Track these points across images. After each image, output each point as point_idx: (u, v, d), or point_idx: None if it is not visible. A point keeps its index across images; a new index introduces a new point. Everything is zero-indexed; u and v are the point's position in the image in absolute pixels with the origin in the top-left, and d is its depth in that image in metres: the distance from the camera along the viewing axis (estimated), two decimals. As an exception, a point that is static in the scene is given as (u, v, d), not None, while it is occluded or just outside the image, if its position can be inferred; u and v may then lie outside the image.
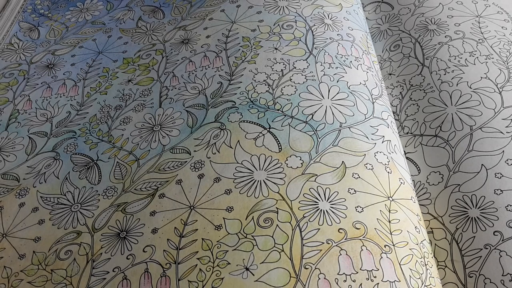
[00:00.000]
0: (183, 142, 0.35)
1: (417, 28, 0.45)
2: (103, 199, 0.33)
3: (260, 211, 0.30)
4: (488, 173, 0.33)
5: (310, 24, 0.42)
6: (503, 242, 0.30)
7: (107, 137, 0.37)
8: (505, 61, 0.40)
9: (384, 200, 0.31)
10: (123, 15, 0.49)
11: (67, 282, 0.30)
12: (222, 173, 0.33)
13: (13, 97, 0.43)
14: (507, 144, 0.34)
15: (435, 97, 0.39)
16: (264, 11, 0.44)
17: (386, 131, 0.36)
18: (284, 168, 0.32)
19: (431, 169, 0.36)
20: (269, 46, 0.41)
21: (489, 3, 0.46)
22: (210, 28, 0.44)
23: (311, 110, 0.36)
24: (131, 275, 0.29)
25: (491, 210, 0.32)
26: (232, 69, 0.40)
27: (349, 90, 0.37)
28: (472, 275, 0.30)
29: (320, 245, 0.29)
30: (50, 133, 0.39)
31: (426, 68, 0.41)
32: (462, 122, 0.37)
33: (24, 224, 0.33)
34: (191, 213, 0.31)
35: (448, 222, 0.33)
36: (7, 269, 0.31)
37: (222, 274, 0.28)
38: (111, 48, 0.45)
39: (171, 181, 0.33)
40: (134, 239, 0.31)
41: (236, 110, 0.36)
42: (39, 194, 0.35)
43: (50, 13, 0.52)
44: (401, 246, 0.29)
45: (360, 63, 0.40)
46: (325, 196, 0.31)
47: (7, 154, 0.38)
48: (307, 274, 0.28)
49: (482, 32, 0.43)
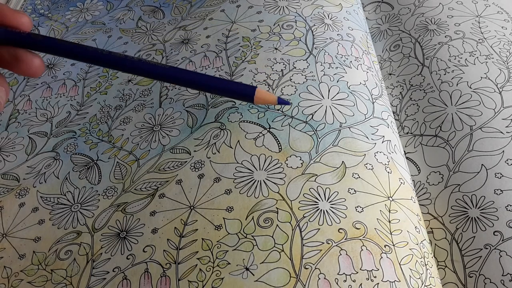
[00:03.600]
0: (183, 142, 0.35)
1: (417, 28, 0.45)
2: (103, 199, 0.33)
3: (260, 211, 0.30)
4: (488, 173, 0.33)
5: (310, 24, 0.42)
6: (503, 242, 0.30)
7: (107, 137, 0.37)
8: (505, 61, 0.40)
9: (384, 200, 0.31)
10: (123, 15, 0.49)
11: (67, 282, 0.30)
12: (222, 173, 0.33)
13: (13, 97, 0.43)
14: (507, 144, 0.34)
15: (435, 97, 0.39)
16: (264, 11, 0.44)
17: (386, 131, 0.36)
18: (284, 168, 0.32)
19: (431, 169, 0.36)
20: (269, 46, 0.41)
21: (489, 3, 0.46)
22: (210, 28, 0.44)
23: (311, 110, 0.36)
24: (131, 275, 0.29)
25: (491, 210, 0.32)
26: (232, 69, 0.40)
27: (349, 90, 0.37)
28: (472, 275, 0.30)
29: (320, 245, 0.29)
30: (50, 133, 0.39)
31: (426, 68, 0.41)
32: (462, 122, 0.37)
33: (24, 224, 0.33)
34: (191, 213, 0.31)
35: (448, 222, 0.33)
36: (7, 269, 0.31)
37: (222, 274, 0.28)
38: (111, 48, 0.45)
39: (171, 181, 0.33)
40: (134, 239, 0.31)
41: (236, 110, 0.36)
42: (39, 194, 0.35)
43: (50, 13, 0.52)
44: (401, 246, 0.29)
45: (360, 63, 0.40)
46: (325, 196, 0.31)
47: (7, 154, 0.38)
48: (307, 274, 0.28)
49: (482, 32, 0.43)
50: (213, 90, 0.33)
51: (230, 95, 0.33)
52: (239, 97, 0.33)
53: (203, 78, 0.32)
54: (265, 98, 0.31)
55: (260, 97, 0.31)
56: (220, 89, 0.32)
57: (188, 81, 0.32)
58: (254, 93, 0.31)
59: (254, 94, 0.31)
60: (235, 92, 0.32)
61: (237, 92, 0.32)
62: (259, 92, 0.31)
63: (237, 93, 0.32)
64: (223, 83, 0.33)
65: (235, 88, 0.32)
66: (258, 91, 0.31)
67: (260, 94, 0.31)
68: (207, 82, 0.32)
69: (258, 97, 0.31)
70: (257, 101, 0.32)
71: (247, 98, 0.32)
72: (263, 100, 0.31)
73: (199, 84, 0.32)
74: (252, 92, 0.31)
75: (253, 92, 0.31)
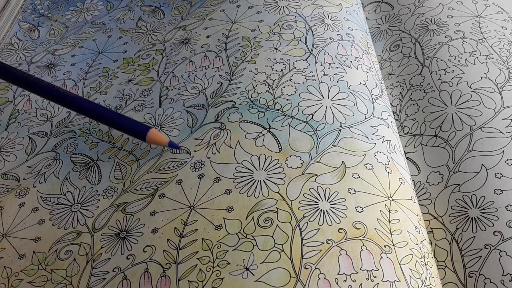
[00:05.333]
0: (183, 142, 0.35)
1: (417, 28, 0.45)
2: (103, 199, 0.33)
3: (260, 211, 0.30)
4: (488, 173, 0.33)
5: (310, 24, 0.42)
6: (503, 242, 0.30)
7: (107, 137, 0.37)
8: (505, 61, 0.40)
9: (384, 200, 0.31)
10: (123, 15, 0.49)
11: (67, 282, 0.30)
12: (222, 173, 0.33)
13: (13, 97, 0.43)
14: (507, 144, 0.34)
15: (435, 97, 0.39)
16: (264, 11, 0.44)
17: (386, 131, 0.36)
18: (284, 168, 0.32)
19: (431, 169, 0.36)
20: (269, 46, 0.41)
21: (489, 3, 0.46)
22: (210, 28, 0.44)
23: (311, 110, 0.36)
24: (131, 275, 0.29)
25: (491, 210, 0.32)
26: (232, 69, 0.40)
27: (349, 90, 0.37)
28: (472, 275, 0.30)
29: (320, 245, 0.29)
30: (50, 133, 0.39)
31: (426, 68, 0.41)
32: (462, 122, 0.37)
33: (24, 224, 0.33)
34: (191, 213, 0.31)
35: (448, 222, 0.33)
36: (7, 269, 0.31)
37: (222, 274, 0.28)
38: (111, 48, 0.45)
39: (171, 181, 0.33)
40: (134, 239, 0.31)
41: (236, 110, 0.36)
42: (39, 194, 0.35)
43: (50, 13, 0.52)
44: (401, 246, 0.29)
45: (360, 63, 0.40)
46: (325, 196, 0.31)
47: (7, 154, 0.38)
48: (307, 274, 0.28)
49: (482, 32, 0.43)
50: (109, 123, 0.36)
51: (124, 131, 0.36)
52: (132, 134, 0.36)
53: (102, 110, 0.36)
54: (156, 139, 0.34)
55: (152, 138, 0.34)
56: (116, 124, 0.36)
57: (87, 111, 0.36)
58: (147, 133, 0.34)
59: (147, 134, 0.34)
60: (130, 129, 0.35)
61: (132, 130, 0.35)
62: (151, 133, 0.34)
63: (131, 131, 0.35)
64: (120, 119, 0.36)
65: (131, 125, 0.35)
66: (151, 132, 0.34)
67: (152, 134, 0.34)
68: (105, 114, 0.36)
69: (150, 137, 0.34)
70: (149, 141, 0.35)
71: (139, 136, 0.35)
72: (154, 140, 0.35)
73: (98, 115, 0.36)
74: (145, 132, 0.34)
75: (146, 131, 0.34)
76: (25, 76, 0.38)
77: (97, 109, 0.36)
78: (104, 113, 0.36)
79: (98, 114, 0.36)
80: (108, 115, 0.36)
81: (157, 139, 0.34)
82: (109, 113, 0.36)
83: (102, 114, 0.36)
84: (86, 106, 0.36)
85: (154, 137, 0.34)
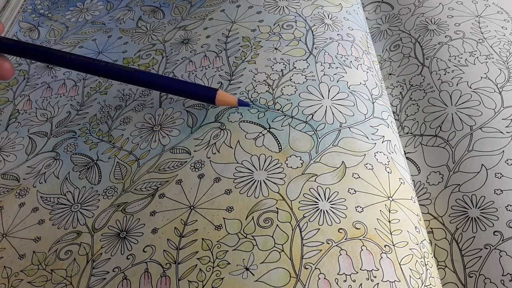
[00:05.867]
0: (183, 142, 0.35)
1: (417, 28, 0.45)
2: (103, 199, 0.33)
3: (260, 211, 0.30)
4: (488, 173, 0.33)
5: (310, 24, 0.42)
6: (503, 242, 0.30)
7: (107, 137, 0.37)
8: (505, 61, 0.40)
9: (384, 200, 0.31)
10: (123, 15, 0.49)
11: (67, 282, 0.30)
12: (222, 173, 0.33)
13: (13, 97, 0.43)
14: (507, 144, 0.34)
15: (435, 97, 0.39)
16: (264, 11, 0.44)
17: (386, 131, 0.36)
18: (284, 168, 0.32)
19: (431, 169, 0.36)
20: (269, 46, 0.41)
21: (489, 3, 0.46)
22: (210, 28, 0.44)
23: (311, 110, 0.36)
24: (131, 275, 0.29)
25: (491, 210, 0.32)
26: (232, 69, 0.40)
27: (349, 90, 0.37)
28: (472, 275, 0.30)
29: (320, 245, 0.29)
30: (50, 133, 0.39)
31: (426, 68, 0.41)
32: (462, 122, 0.37)
33: (24, 224, 0.33)
34: (191, 213, 0.31)
35: (448, 222, 0.33)
36: (7, 269, 0.31)
37: (222, 274, 0.28)
38: (111, 48, 0.45)
39: (171, 181, 0.33)
40: (134, 239, 0.31)
41: (236, 110, 0.36)
42: (39, 194, 0.35)
43: (50, 13, 0.52)
44: (401, 246, 0.29)
45: (360, 63, 0.40)
46: (325, 196, 0.31)
47: (7, 154, 0.38)
48: (307, 274, 0.28)
49: (482, 32, 0.43)
50: (175, 92, 0.36)
51: (192, 97, 0.36)
52: (201, 98, 0.36)
53: (165, 80, 0.36)
54: (225, 100, 0.35)
55: (221, 99, 0.35)
56: (182, 91, 0.36)
57: (149, 83, 0.35)
58: (215, 95, 0.34)
59: (215, 96, 0.35)
60: (197, 94, 0.35)
61: (199, 94, 0.35)
62: (220, 95, 0.35)
63: (199, 95, 0.35)
64: (185, 85, 0.36)
65: (197, 90, 0.35)
66: (220, 93, 0.34)
67: (221, 96, 0.35)
68: (169, 83, 0.36)
69: (219, 99, 0.35)
70: (218, 102, 0.35)
71: (208, 100, 0.35)
72: (223, 101, 0.35)
73: (160, 85, 0.36)
74: (214, 94, 0.34)
75: (215, 94, 0.34)
76: (86, 60, 0.35)
77: (159, 80, 0.36)
78: (167, 82, 0.36)
79: (161, 84, 0.36)
80: (171, 85, 0.35)
81: (227, 100, 0.35)
82: (172, 82, 0.36)
83: (165, 84, 0.36)
84: (146, 79, 0.35)
85: (223, 99, 0.35)
